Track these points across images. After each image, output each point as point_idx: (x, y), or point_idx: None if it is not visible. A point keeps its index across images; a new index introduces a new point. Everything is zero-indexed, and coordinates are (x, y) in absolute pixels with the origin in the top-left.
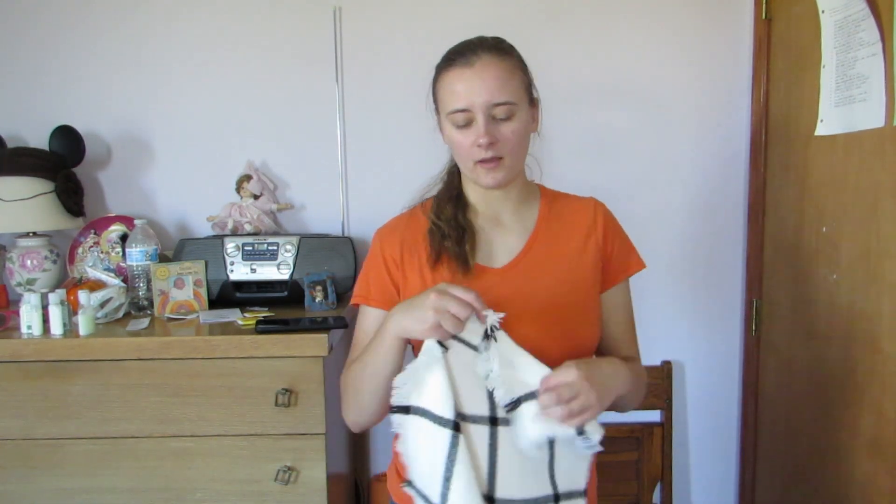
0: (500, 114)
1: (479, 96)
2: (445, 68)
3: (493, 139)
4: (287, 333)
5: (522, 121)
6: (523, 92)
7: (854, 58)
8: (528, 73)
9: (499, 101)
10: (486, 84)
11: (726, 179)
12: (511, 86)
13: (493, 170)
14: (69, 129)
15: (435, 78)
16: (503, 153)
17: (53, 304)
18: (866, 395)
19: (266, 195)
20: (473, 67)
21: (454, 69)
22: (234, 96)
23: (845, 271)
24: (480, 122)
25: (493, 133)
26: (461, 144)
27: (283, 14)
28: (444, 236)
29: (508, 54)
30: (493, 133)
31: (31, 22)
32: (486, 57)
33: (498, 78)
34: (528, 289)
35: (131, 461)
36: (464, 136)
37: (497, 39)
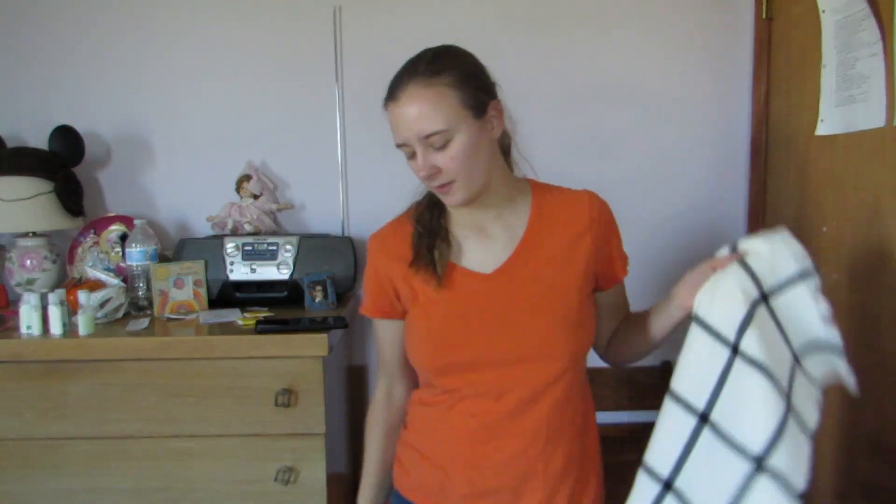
0: (435, 143)
1: (408, 131)
2: (385, 101)
3: (435, 170)
4: (287, 333)
5: (463, 142)
6: (460, 111)
7: (854, 58)
8: (474, 81)
9: (428, 133)
10: (412, 119)
11: (726, 179)
12: (439, 114)
13: (448, 193)
14: (69, 129)
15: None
16: (451, 177)
17: (53, 304)
18: (866, 395)
19: (266, 195)
20: (399, 102)
21: (388, 103)
22: (234, 96)
23: (845, 271)
24: (419, 154)
25: (433, 163)
26: (413, 170)
27: (283, 14)
28: (420, 242)
29: (440, 74)
30: (432, 163)
31: (31, 22)
32: (410, 88)
33: (422, 110)
34: (518, 293)
35: (131, 461)
36: (412, 165)
37: (432, 58)
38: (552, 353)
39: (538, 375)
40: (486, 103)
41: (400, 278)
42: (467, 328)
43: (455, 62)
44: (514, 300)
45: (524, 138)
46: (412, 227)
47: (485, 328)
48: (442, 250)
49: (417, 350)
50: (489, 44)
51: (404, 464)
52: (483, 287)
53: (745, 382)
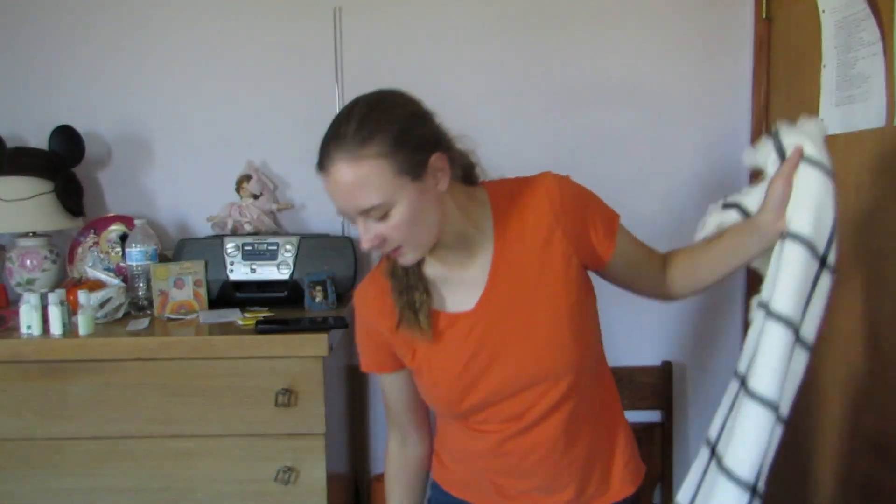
0: (374, 216)
1: (344, 205)
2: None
3: (379, 239)
4: (287, 333)
5: (404, 210)
6: (395, 180)
7: (854, 58)
8: (409, 141)
9: (364, 208)
10: (344, 195)
11: (727, 179)
12: (372, 188)
13: (399, 256)
14: (69, 129)
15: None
16: (397, 244)
17: (53, 304)
18: (866, 395)
19: (266, 195)
20: (330, 175)
21: (320, 172)
22: (235, 96)
23: (845, 271)
24: (360, 226)
25: (375, 232)
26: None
27: (283, 14)
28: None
29: (368, 144)
30: (373, 233)
31: (31, 22)
32: (338, 163)
33: (354, 186)
34: (506, 319)
35: (131, 461)
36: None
37: (359, 124)
38: (558, 369)
39: (550, 393)
40: (424, 162)
41: (390, 334)
42: (470, 372)
43: (385, 124)
44: (504, 327)
45: (524, 138)
46: (387, 282)
47: (486, 366)
48: (423, 303)
49: (433, 403)
50: (489, 44)
51: (442, 459)
52: (471, 325)
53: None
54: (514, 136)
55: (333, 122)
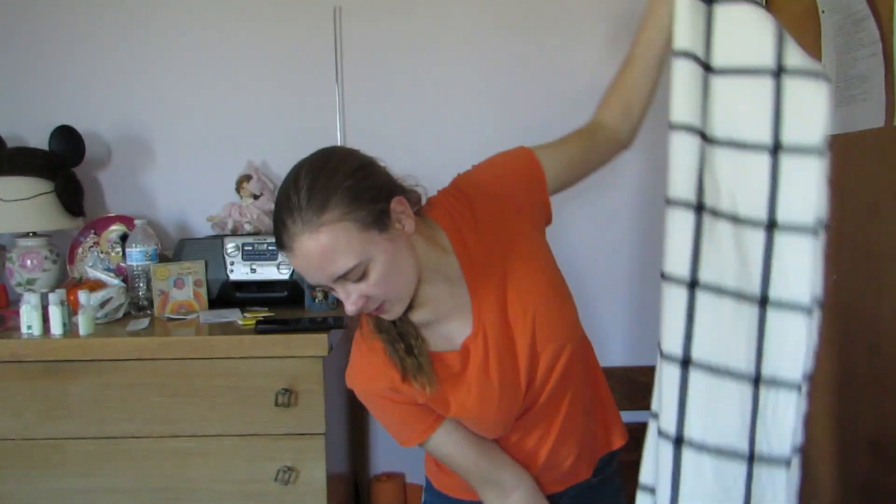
0: (352, 277)
1: (318, 276)
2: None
3: (363, 300)
4: (287, 333)
5: (381, 264)
6: (364, 237)
7: (854, 58)
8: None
9: (340, 274)
10: (315, 267)
11: None
12: (343, 251)
13: (384, 312)
14: (69, 129)
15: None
16: (381, 300)
17: (53, 304)
18: (866, 396)
19: (266, 195)
20: (294, 253)
21: (283, 252)
22: (234, 96)
23: (845, 272)
24: (340, 293)
25: (358, 293)
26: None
27: (283, 14)
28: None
29: (324, 210)
30: (355, 295)
31: (31, 22)
32: (300, 238)
33: (324, 256)
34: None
35: (131, 461)
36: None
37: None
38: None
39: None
40: (386, 210)
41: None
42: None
43: (336, 185)
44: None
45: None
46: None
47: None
48: (420, 347)
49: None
50: (488, 44)
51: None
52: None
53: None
54: (514, 136)
55: (282, 196)
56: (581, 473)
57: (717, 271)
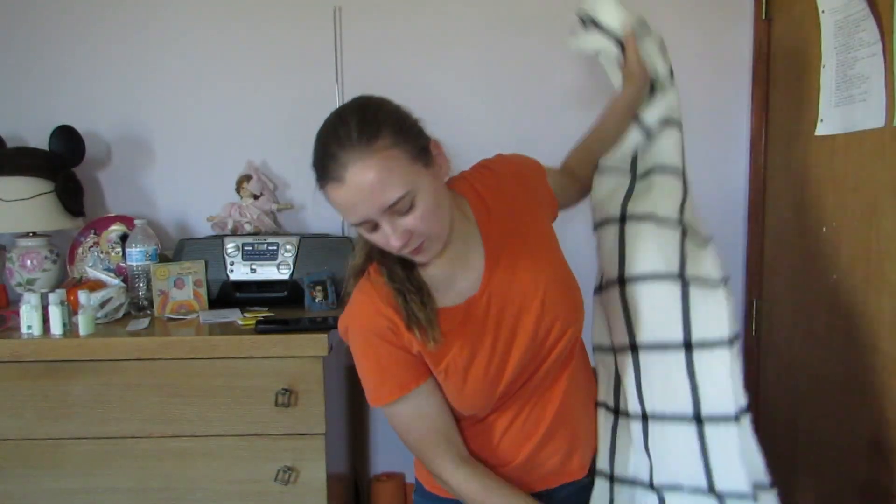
0: (400, 209)
1: (368, 208)
2: (321, 182)
3: (407, 235)
4: (287, 333)
5: (427, 197)
6: (412, 167)
7: (854, 58)
8: (408, 128)
9: (391, 203)
10: (368, 195)
11: (726, 179)
12: (395, 179)
13: (420, 253)
14: (69, 129)
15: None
16: (423, 237)
17: (53, 304)
18: (866, 396)
19: (266, 195)
20: (346, 183)
21: (329, 185)
22: (235, 96)
23: (845, 271)
24: (386, 228)
25: (402, 228)
26: (377, 242)
27: (283, 14)
28: (406, 300)
29: (376, 138)
30: (401, 230)
31: (31, 22)
32: (354, 164)
33: (377, 183)
34: (512, 287)
35: (131, 461)
36: (375, 237)
37: (359, 122)
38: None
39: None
40: (427, 148)
41: (413, 341)
42: (497, 353)
43: (384, 117)
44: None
45: (524, 139)
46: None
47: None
48: (432, 305)
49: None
50: (489, 44)
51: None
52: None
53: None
54: (513, 136)
55: (327, 133)
56: (574, 471)
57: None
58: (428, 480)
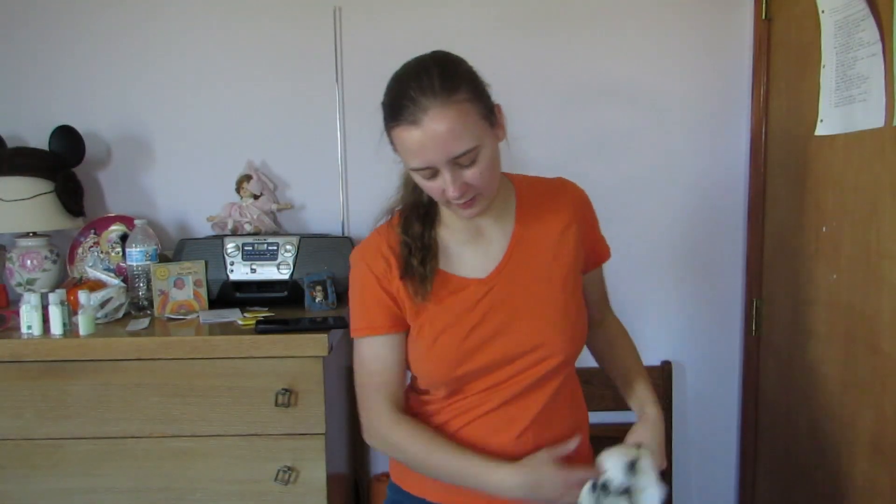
0: (464, 161)
1: (436, 155)
2: (392, 123)
3: (464, 187)
4: (287, 333)
5: (488, 155)
6: (481, 124)
7: (854, 58)
8: (481, 89)
9: (459, 153)
10: (440, 142)
11: (726, 179)
12: (467, 131)
13: (470, 207)
14: (69, 129)
15: (384, 123)
16: (477, 192)
17: (53, 304)
18: (866, 395)
19: (266, 195)
20: (421, 127)
21: (401, 126)
22: (235, 96)
23: (845, 271)
24: (446, 176)
25: (461, 180)
26: (429, 190)
27: (283, 14)
28: (410, 254)
29: (456, 90)
30: (460, 181)
31: (31, 22)
32: (433, 111)
33: (451, 131)
34: (517, 293)
35: (131, 461)
36: (430, 185)
37: (441, 74)
38: (556, 345)
39: (541, 365)
40: (493, 110)
41: (401, 289)
42: (474, 337)
43: (464, 74)
44: (514, 300)
45: (524, 138)
46: (399, 235)
47: (491, 335)
48: (432, 265)
49: (427, 367)
50: (489, 44)
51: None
52: (483, 292)
53: None
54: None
55: (408, 77)
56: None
57: None
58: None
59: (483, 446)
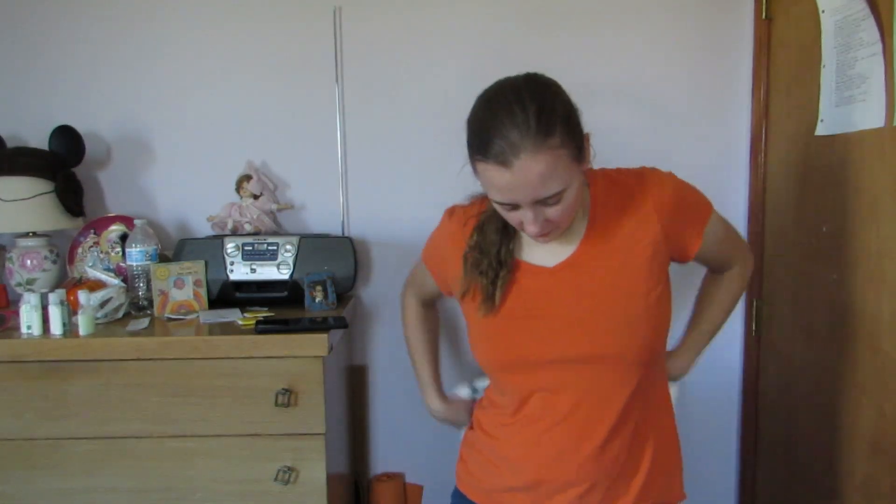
0: (549, 202)
1: (521, 196)
2: (479, 157)
3: (544, 223)
4: (287, 333)
5: (572, 193)
6: (571, 167)
7: (854, 58)
8: (574, 123)
9: (545, 196)
10: (529, 187)
11: (726, 179)
12: (557, 176)
13: (549, 235)
14: (69, 129)
15: (468, 148)
16: (555, 226)
17: (53, 304)
18: (866, 395)
19: (266, 195)
20: (512, 169)
21: (489, 164)
22: (235, 96)
23: (845, 271)
24: (528, 215)
25: (542, 217)
26: (508, 218)
27: (282, 14)
28: (480, 272)
29: (551, 135)
30: (542, 219)
31: (31, 23)
32: (525, 155)
33: (542, 176)
34: (583, 288)
35: (131, 461)
36: (510, 215)
37: (538, 113)
38: (621, 354)
39: (607, 375)
40: (583, 146)
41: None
42: (531, 325)
43: (559, 110)
44: (578, 296)
45: None
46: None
47: (549, 325)
48: (504, 282)
49: (481, 347)
50: (489, 44)
51: (469, 465)
52: (547, 282)
53: None
54: None
55: (504, 110)
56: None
57: None
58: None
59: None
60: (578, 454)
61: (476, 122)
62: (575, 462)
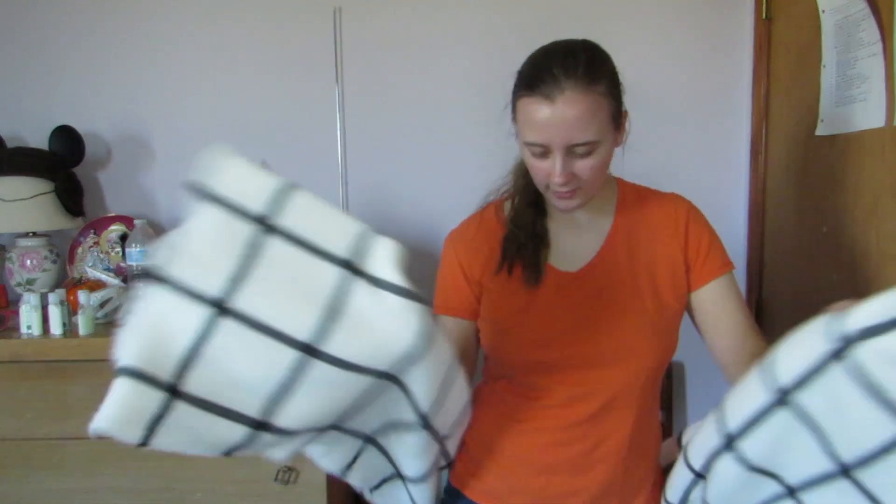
0: (579, 151)
1: (557, 136)
2: (525, 92)
3: (570, 176)
4: None
5: (603, 153)
6: (607, 123)
7: (854, 58)
8: (619, 90)
9: (579, 143)
10: (567, 125)
11: (726, 179)
12: (595, 124)
13: (568, 199)
14: (69, 129)
15: (514, 91)
16: (580, 185)
17: (53, 304)
18: None
19: None
20: (554, 104)
21: (533, 98)
22: (234, 96)
23: (845, 271)
24: (557, 160)
25: (570, 169)
26: (535, 169)
27: (282, 14)
28: (520, 246)
29: (597, 82)
30: (569, 169)
31: (31, 22)
32: (571, 93)
33: (581, 118)
34: (605, 293)
35: (131, 461)
36: (538, 164)
37: (589, 61)
38: (639, 358)
39: (623, 380)
40: (622, 113)
41: (486, 276)
42: (554, 327)
43: (607, 68)
44: (600, 300)
45: None
46: (500, 224)
47: (571, 327)
48: (544, 255)
49: (502, 346)
50: (489, 45)
51: (473, 464)
52: (571, 285)
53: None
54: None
55: (556, 52)
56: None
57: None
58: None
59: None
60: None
61: (527, 65)
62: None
